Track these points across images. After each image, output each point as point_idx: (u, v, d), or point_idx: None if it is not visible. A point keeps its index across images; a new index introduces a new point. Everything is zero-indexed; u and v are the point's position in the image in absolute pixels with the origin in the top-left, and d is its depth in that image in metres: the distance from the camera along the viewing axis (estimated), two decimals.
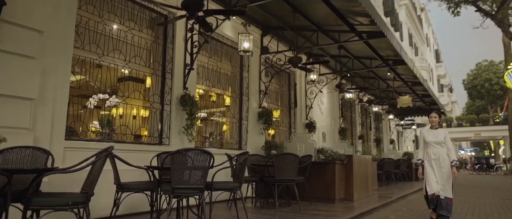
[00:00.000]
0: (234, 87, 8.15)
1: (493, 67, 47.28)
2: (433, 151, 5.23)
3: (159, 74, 6.18)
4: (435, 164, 5.15)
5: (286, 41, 9.26)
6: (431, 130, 5.41)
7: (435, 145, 5.21)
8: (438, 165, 5.13)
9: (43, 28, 4.34)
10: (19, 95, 4.07)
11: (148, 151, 5.54)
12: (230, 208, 6.03)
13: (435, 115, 5.40)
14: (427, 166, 5.24)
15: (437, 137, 5.23)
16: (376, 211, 6.51)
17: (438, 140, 5.20)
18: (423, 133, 5.43)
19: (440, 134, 5.27)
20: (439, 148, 5.20)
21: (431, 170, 5.18)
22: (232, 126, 8.02)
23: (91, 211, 3.55)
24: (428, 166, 5.22)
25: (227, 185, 4.60)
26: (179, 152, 3.91)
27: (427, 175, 5.21)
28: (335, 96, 12.90)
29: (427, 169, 5.22)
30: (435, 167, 5.14)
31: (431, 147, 5.25)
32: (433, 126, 5.41)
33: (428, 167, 5.22)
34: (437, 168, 5.13)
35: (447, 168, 5.09)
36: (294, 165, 5.96)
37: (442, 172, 5.10)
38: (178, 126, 6.21)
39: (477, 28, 28.55)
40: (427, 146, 5.31)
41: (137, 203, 4.98)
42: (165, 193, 4.09)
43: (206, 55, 7.33)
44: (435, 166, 5.14)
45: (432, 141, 5.24)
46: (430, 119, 5.41)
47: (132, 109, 5.78)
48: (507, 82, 23.37)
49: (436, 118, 5.37)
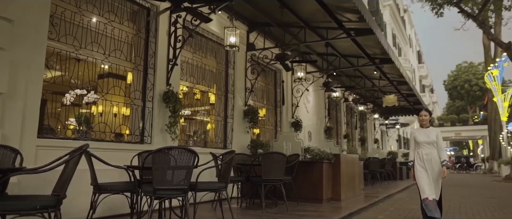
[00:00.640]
0: (219, 84, 7.91)
1: (473, 68, 48.41)
2: (425, 151, 4.88)
3: (141, 69, 5.89)
4: (428, 165, 4.82)
5: (272, 38, 9.08)
6: (421, 129, 5.08)
7: (427, 145, 4.89)
8: (430, 165, 4.80)
9: (13, 16, 4.03)
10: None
11: (129, 150, 5.27)
12: (214, 209, 5.80)
13: (425, 113, 5.05)
14: (418, 167, 4.89)
15: (429, 137, 4.90)
16: (364, 211, 6.39)
17: (430, 140, 4.88)
18: (414, 133, 5.08)
19: (432, 133, 4.95)
20: (431, 148, 4.88)
21: (424, 172, 4.83)
22: (217, 124, 7.78)
23: (66, 214, 3.29)
24: (420, 167, 4.87)
25: (212, 186, 4.37)
26: (161, 150, 3.66)
27: (419, 178, 4.83)
28: (321, 95, 12.80)
29: (420, 172, 4.86)
30: (428, 168, 4.81)
31: (423, 147, 4.90)
32: (423, 125, 5.08)
33: (420, 168, 4.87)
34: (430, 169, 4.80)
35: (438, 168, 4.80)
36: (282, 164, 5.78)
37: (433, 173, 4.79)
38: (161, 124, 5.94)
39: (458, 30, 29.05)
40: (418, 146, 4.96)
41: (116, 205, 4.70)
42: (146, 194, 3.84)
43: (191, 51, 7.07)
44: (428, 167, 4.81)
45: (424, 141, 4.90)
46: (420, 118, 5.10)
47: (112, 106, 5.48)
48: (487, 83, 23.86)
49: (426, 116, 5.02)
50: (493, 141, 25.12)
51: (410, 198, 8.76)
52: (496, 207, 7.20)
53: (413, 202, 7.95)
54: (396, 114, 19.23)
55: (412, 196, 9.12)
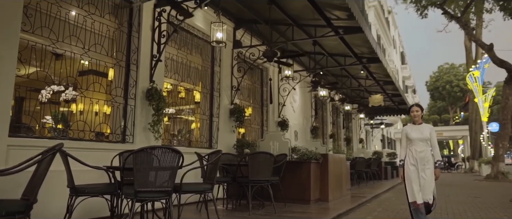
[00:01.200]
0: (205, 82, 7.69)
1: (454, 70, 49.43)
2: (418, 149, 4.54)
3: (123, 65, 5.63)
4: (420, 164, 4.48)
5: (259, 35, 8.91)
6: (414, 126, 4.71)
7: (420, 142, 4.55)
8: (423, 164, 4.47)
9: None
10: None
11: (110, 150, 5.01)
12: (200, 211, 5.59)
13: (417, 108, 4.71)
14: (410, 166, 4.53)
15: (422, 133, 4.56)
16: (352, 212, 6.29)
17: (424, 137, 4.54)
18: (406, 130, 4.73)
19: (425, 129, 4.62)
20: (424, 146, 4.55)
21: (415, 171, 4.50)
22: (202, 123, 7.56)
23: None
24: (412, 166, 4.52)
25: (197, 187, 4.17)
26: (144, 150, 3.44)
27: (409, 179, 4.52)
28: (308, 94, 12.71)
29: (410, 172, 4.52)
30: (420, 167, 4.47)
31: (416, 145, 4.57)
32: (416, 121, 4.73)
33: (412, 167, 4.52)
34: (422, 168, 4.46)
35: (431, 168, 4.47)
36: (269, 164, 5.61)
37: (425, 173, 4.45)
38: (144, 122, 5.70)
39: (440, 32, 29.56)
40: (410, 143, 4.63)
41: (95, 208, 4.45)
42: (127, 197, 3.61)
43: (175, 47, 6.83)
44: (420, 166, 4.47)
45: (417, 138, 4.55)
46: (412, 113, 4.74)
47: (92, 103, 5.20)
48: (468, 84, 24.29)
49: (418, 111, 4.69)
50: (474, 141, 25.60)
51: (397, 198, 8.73)
52: (482, 207, 7.21)
53: (400, 202, 7.91)
54: (381, 114, 19.34)
55: (399, 196, 9.10)
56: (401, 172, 4.64)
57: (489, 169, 19.34)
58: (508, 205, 7.61)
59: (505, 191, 11.01)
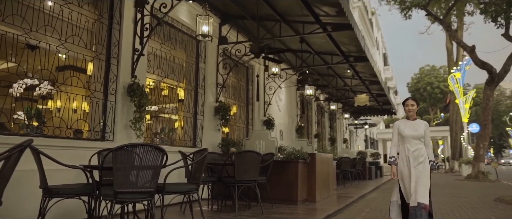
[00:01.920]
0: (189, 79, 7.43)
1: (435, 71, 50.31)
2: (411, 148, 4.17)
3: (103, 59, 5.32)
4: (413, 163, 4.11)
5: (245, 32, 8.71)
6: (408, 121, 4.32)
7: (414, 139, 4.19)
8: (416, 164, 4.11)
9: None
10: None
11: (88, 148, 4.71)
12: (183, 212, 5.34)
13: (412, 102, 4.32)
14: (402, 166, 4.19)
15: (417, 130, 4.19)
16: (340, 213, 6.15)
17: (418, 134, 4.18)
18: (399, 125, 4.34)
19: (420, 126, 4.23)
20: (418, 144, 4.18)
21: (407, 172, 4.13)
22: (186, 122, 7.30)
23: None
24: (404, 166, 4.16)
25: (182, 188, 3.93)
26: (124, 148, 3.19)
27: (402, 178, 4.17)
28: (293, 93, 12.57)
29: (403, 172, 4.16)
30: (412, 167, 4.09)
31: (409, 142, 4.20)
32: (410, 116, 4.33)
33: (403, 168, 4.16)
34: (414, 167, 4.10)
35: (426, 169, 4.10)
36: (256, 163, 5.42)
37: (419, 173, 4.07)
38: (125, 120, 5.41)
39: (422, 34, 29.99)
40: (402, 140, 4.26)
41: (71, 210, 4.15)
42: (106, 198, 3.35)
43: (159, 41, 6.55)
44: (413, 165, 4.10)
45: (411, 135, 4.18)
46: (406, 107, 4.33)
47: (69, 98, 4.88)
48: (450, 85, 24.69)
49: (413, 105, 4.29)
50: (454, 141, 26.05)
51: (383, 198, 8.66)
52: (468, 207, 7.20)
53: (386, 202, 7.81)
54: (365, 114, 19.41)
55: (385, 196, 9.05)
56: (394, 169, 4.27)
57: (470, 169, 19.67)
58: (493, 204, 7.64)
59: (487, 190, 11.13)
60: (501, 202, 8.02)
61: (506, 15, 16.36)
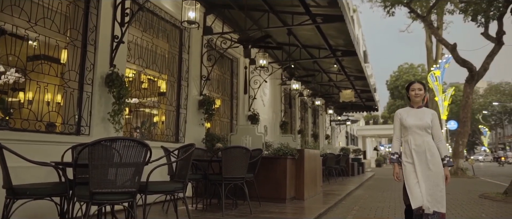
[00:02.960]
0: (172, 70, 7.02)
1: (413, 70, 51.19)
2: (415, 141, 3.44)
3: (78, 45, 4.87)
4: (419, 161, 3.39)
5: (231, 23, 8.35)
6: (411, 110, 3.59)
7: (419, 131, 3.44)
8: (424, 162, 3.38)
9: None
10: None
11: (61, 143, 4.29)
12: (166, 213, 4.97)
13: (419, 86, 3.57)
14: (406, 163, 3.46)
15: (422, 119, 3.46)
16: (331, 211, 5.93)
17: (424, 124, 3.44)
18: (400, 114, 3.61)
19: (426, 115, 3.51)
20: (424, 136, 3.44)
21: (411, 170, 3.41)
22: (168, 115, 6.90)
23: None
24: (408, 164, 3.44)
25: (167, 187, 3.57)
26: (101, 142, 2.81)
27: (407, 178, 3.43)
28: (278, 88, 12.30)
29: (407, 169, 3.44)
30: (419, 166, 3.38)
31: (413, 134, 3.47)
32: (415, 103, 3.59)
33: (408, 166, 3.44)
34: (422, 166, 3.37)
35: (437, 167, 3.36)
36: (245, 160, 5.10)
37: (430, 173, 3.35)
38: (102, 112, 4.98)
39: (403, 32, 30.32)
40: (406, 132, 3.52)
41: (40, 213, 3.73)
42: (81, 200, 2.96)
43: (140, 29, 6.12)
44: (419, 164, 3.38)
45: (415, 125, 3.46)
46: (412, 92, 3.56)
47: (40, 88, 4.42)
48: (429, 83, 25.04)
49: (421, 90, 3.55)
50: None
51: (370, 196, 8.53)
52: (455, 204, 7.12)
53: (373, 199, 7.70)
54: (348, 110, 19.38)
55: (371, 194, 8.93)
56: (396, 168, 3.55)
57: None
58: (479, 201, 7.60)
59: (469, 187, 11.20)
60: (486, 198, 8.01)
61: (486, 14, 16.60)
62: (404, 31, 25.59)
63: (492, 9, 16.25)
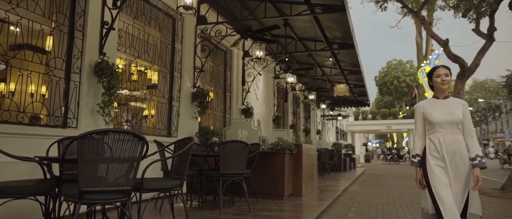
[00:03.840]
0: (164, 61, 6.69)
1: (401, 66, 51.50)
2: (445, 139, 2.79)
3: (65, 31, 4.51)
4: (450, 160, 2.74)
5: (226, 13, 8.03)
6: (437, 101, 2.94)
7: (449, 127, 2.80)
8: (454, 162, 2.75)
9: None
10: None
11: (47, 136, 3.96)
12: (160, 211, 4.68)
13: (445, 71, 2.92)
14: (434, 166, 2.77)
15: (452, 113, 2.81)
16: (330, 209, 5.72)
17: (455, 118, 2.80)
18: (424, 108, 2.95)
19: (456, 107, 2.86)
20: (456, 133, 2.80)
21: (441, 172, 2.74)
22: (160, 108, 6.57)
23: None
24: (437, 167, 2.76)
25: (163, 184, 3.28)
26: (92, 135, 2.51)
27: (436, 184, 2.72)
28: (270, 82, 12.04)
29: (436, 174, 2.75)
30: (451, 167, 2.73)
31: (441, 131, 2.82)
32: (442, 92, 2.94)
33: (436, 169, 2.75)
34: (453, 167, 2.74)
35: (466, 168, 2.75)
36: (243, 155, 4.84)
37: (459, 175, 2.74)
38: (91, 104, 4.65)
39: (393, 28, 30.36)
40: (432, 129, 2.87)
41: (22, 213, 3.41)
42: (68, 199, 2.65)
43: (131, 16, 5.77)
44: (451, 164, 2.74)
45: (445, 121, 2.81)
46: (438, 79, 2.91)
47: (22, 76, 4.07)
48: (419, 79, 25.13)
49: (448, 75, 2.90)
50: None
51: (366, 192, 8.38)
52: None
53: (370, 196, 7.54)
54: (340, 105, 19.27)
55: (367, 190, 8.78)
56: (419, 174, 2.92)
57: None
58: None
59: None
60: (482, 194, 7.93)
61: (477, 11, 16.62)
62: (394, 27, 25.56)
63: (483, 5, 16.27)
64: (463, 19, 17.53)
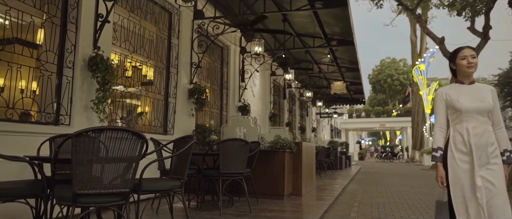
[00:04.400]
0: (161, 56, 6.48)
1: (395, 64, 51.64)
2: (474, 130, 2.41)
3: (57, 23, 4.29)
4: (479, 158, 2.37)
5: (223, 8, 7.83)
6: (462, 87, 2.56)
7: (479, 116, 2.44)
8: (485, 156, 2.37)
9: None
10: None
11: (38, 134, 3.76)
12: (157, 212, 4.50)
13: (472, 52, 2.54)
14: (457, 161, 2.40)
15: (482, 100, 2.46)
16: (332, 208, 5.57)
17: (485, 106, 2.44)
18: (447, 94, 2.56)
19: (486, 93, 2.51)
20: (485, 123, 2.44)
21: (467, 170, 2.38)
22: (156, 105, 6.37)
23: None
24: (461, 162, 2.40)
25: (163, 185, 3.09)
26: (87, 133, 2.32)
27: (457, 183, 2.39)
28: (267, 79, 11.87)
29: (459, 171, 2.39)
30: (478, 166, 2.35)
31: (469, 121, 2.44)
32: (466, 78, 2.57)
33: (460, 163, 2.40)
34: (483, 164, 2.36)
35: (499, 166, 2.39)
36: (244, 153, 4.66)
37: (491, 173, 2.35)
38: (85, 100, 4.43)
39: (387, 26, 30.38)
40: (458, 119, 2.49)
41: (13, 215, 3.19)
42: (62, 202, 2.46)
43: (127, 8, 5.55)
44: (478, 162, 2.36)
45: (474, 109, 2.44)
46: (463, 61, 2.53)
47: (10, 70, 3.84)
48: (414, 77, 25.14)
49: (475, 58, 2.54)
50: (416, 132, 26.73)
51: (364, 190, 8.27)
52: None
53: (369, 195, 7.42)
54: (336, 103, 19.17)
55: (366, 189, 8.66)
56: (441, 170, 2.47)
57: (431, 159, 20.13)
58: None
59: None
60: None
61: (473, 8, 16.62)
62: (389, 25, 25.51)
63: (479, 3, 16.26)
64: (457, 17, 17.59)
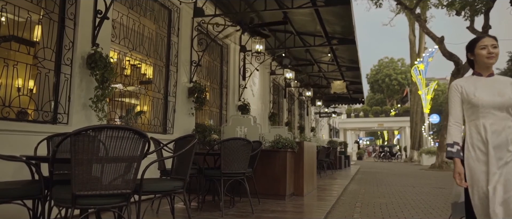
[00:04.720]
0: (160, 54, 6.38)
1: (393, 64, 51.66)
2: (491, 127, 2.25)
3: (54, 19, 4.18)
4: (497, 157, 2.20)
5: (223, 6, 7.73)
6: (480, 79, 2.37)
7: (499, 112, 2.27)
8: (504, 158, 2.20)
9: None
10: None
11: (35, 133, 3.65)
12: (157, 212, 4.40)
13: (493, 42, 2.33)
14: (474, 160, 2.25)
15: (501, 94, 2.27)
16: (334, 209, 5.49)
17: (505, 100, 2.26)
18: (463, 87, 2.37)
19: (506, 86, 2.31)
20: (506, 119, 2.26)
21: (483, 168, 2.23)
22: (155, 104, 6.27)
23: None
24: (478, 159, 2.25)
25: (164, 185, 2.99)
26: (87, 132, 2.22)
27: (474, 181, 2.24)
28: (266, 78, 11.78)
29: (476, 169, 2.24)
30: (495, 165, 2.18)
31: (487, 117, 2.28)
32: (485, 69, 2.38)
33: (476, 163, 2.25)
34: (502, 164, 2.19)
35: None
36: (246, 153, 4.57)
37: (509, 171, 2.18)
38: (83, 98, 4.33)
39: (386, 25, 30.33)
40: (474, 114, 2.32)
41: (9, 217, 3.09)
42: (60, 204, 2.36)
43: (126, 5, 5.44)
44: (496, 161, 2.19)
45: (493, 104, 2.27)
46: (483, 51, 2.32)
47: (7, 67, 3.74)
48: (413, 76, 25.11)
49: (496, 47, 2.33)
50: (414, 132, 26.69)
51: (366, 190, 8.19)
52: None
53: (372, 195, 7.35)
54: (335, 102, 19.11)
55: (367, 189, 8.59)
56: (459, 166, 2.26)
57: (430, 159, 20.12)
58: None
59: None
60: None
61: (472, 8, 16.59)
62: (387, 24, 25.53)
63: (478, 3, 16.23)
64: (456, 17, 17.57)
